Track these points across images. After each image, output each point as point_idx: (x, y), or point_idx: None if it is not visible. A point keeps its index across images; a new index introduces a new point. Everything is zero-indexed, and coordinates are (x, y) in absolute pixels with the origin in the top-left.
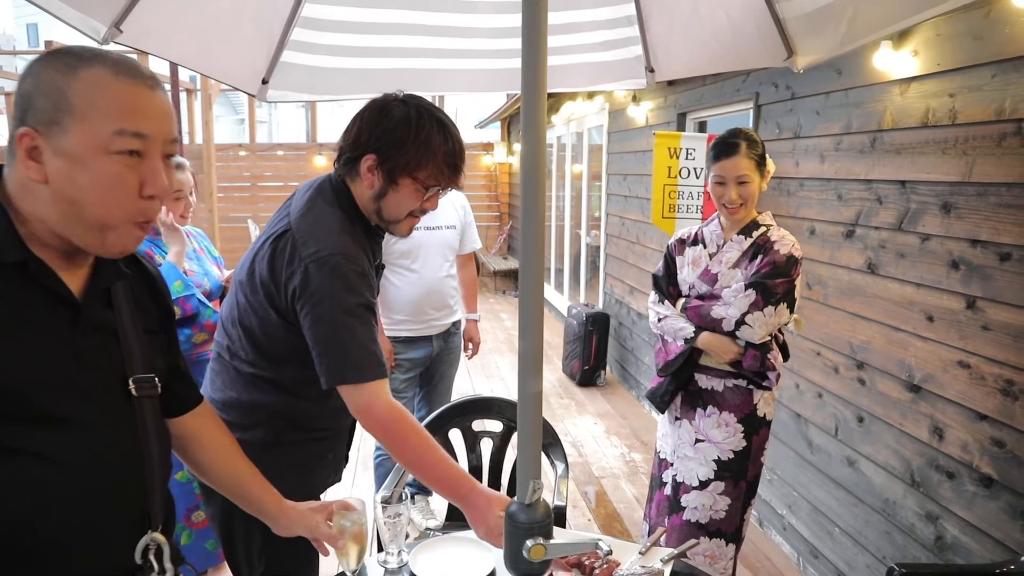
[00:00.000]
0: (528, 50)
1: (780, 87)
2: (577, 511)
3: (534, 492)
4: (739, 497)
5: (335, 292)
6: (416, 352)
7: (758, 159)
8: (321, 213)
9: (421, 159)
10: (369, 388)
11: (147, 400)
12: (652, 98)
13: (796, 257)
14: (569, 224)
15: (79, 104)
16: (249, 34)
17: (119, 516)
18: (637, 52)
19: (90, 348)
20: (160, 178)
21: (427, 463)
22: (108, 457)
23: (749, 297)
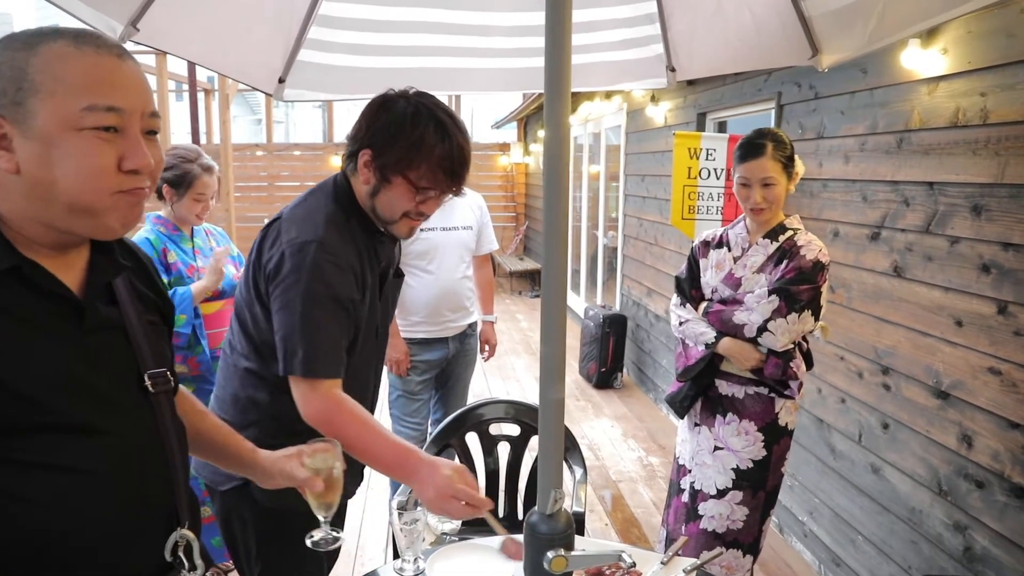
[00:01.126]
0: (552, 49)
1: (803, 86)
2: (594, 516)
3: (556, 502)
4: (757, 508)
5: (303, 279)
6: (432, 354)
7: (785, 160)
8: (314, 204)
9: (413, 158)
10: (310, 383)
11: (163, 395)
12: (671, 98)
13: (823, 263)
14: (586, 225)
15: (43, 80)
16: (266, 33)
17: (148, 516)
18: (658, 51)
19: (101, 348)
20: (141, 151)
21: (371, 450)
22: (133, 459)
23: (772, 303)
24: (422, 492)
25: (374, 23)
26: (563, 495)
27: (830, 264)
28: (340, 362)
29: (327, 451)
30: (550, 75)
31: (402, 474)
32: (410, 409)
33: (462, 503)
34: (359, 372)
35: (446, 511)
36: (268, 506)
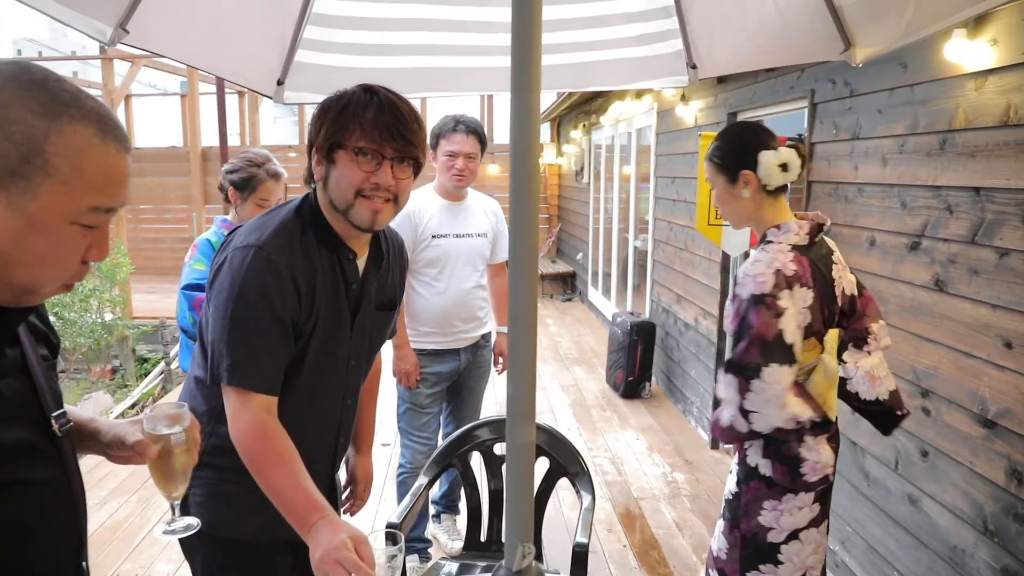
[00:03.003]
0: (520, 47)
1: (838, 83)
2: (612, 536)
3: (524, 557)
4: (735, 546)
5: (237, 283)
6: (443, 366)
7: (719, 161)
8: (275, 214)
9: (345, 124)
10: (241, 395)
11: (67, 439)
12: (701, 97)
13: (758, 295)
14: (617, 227)
15: (60, 167)
16: (260, 33)
17: (59, 557)
18: (677, 47)
19: (10, 396)
20: (106, 246)
21: (280, 492)
22: (47, 505)
23: (730, 383)
24: (313, 551)
25: (371, 21)
26: (532, 550)
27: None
28: (270, 376)
29: (170, 416)
30: (517, 80)
31: (302, 527)
32: (419, 423)
33: (346, 573)
34: (323, 404)
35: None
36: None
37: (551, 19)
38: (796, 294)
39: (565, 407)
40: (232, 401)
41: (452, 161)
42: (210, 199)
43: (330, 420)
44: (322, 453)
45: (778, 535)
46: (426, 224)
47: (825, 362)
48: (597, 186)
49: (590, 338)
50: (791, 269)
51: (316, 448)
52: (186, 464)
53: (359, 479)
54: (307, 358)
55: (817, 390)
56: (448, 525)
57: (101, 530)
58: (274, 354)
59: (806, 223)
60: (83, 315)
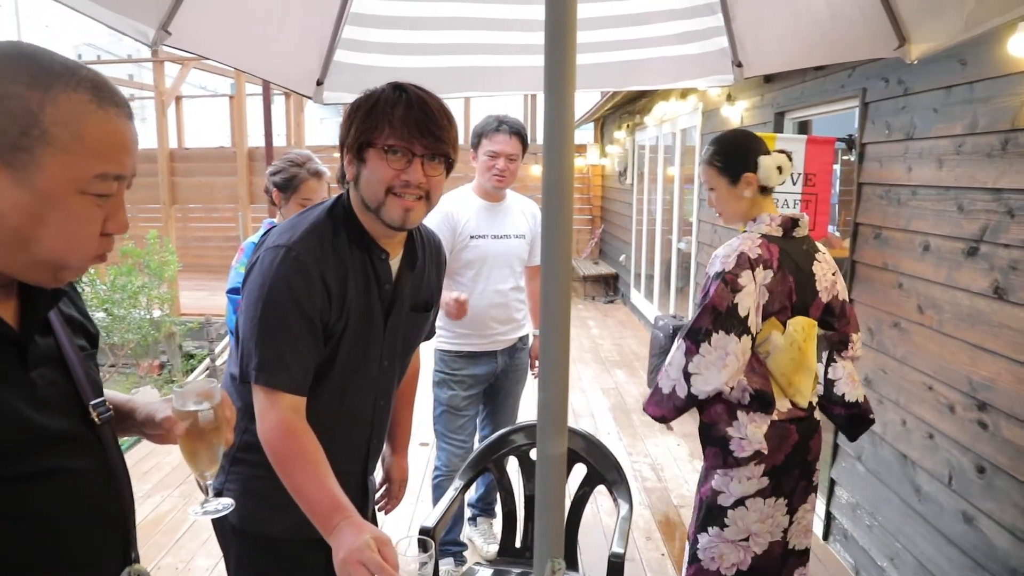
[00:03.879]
0: (553, 45)
1: (891, 82)
2: (651, 544)
3: (553, 574)
4: (697, 508)
5: (267, 283)
6: (479, 368)
7: (721, 165)
8: (308, 215)
9: (376, 123)
10: (269, 395)
11: (107, 426)
12: (747, 96)
13: (718, 271)
14: (660, 229)
15: (58, 135)
16: (299, 33)
17: (105, 554)
18: (722, 44)
19: (45, 385)
20: (124, 216)
21: (305, 492)
22: (90, 496)
23: (679, 348)
24: (336, 552)
25: (408, 20)
26: (562, 566)
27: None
28: (297, 376)
29: (200, 393)
30: (551, 77)
31: (325, 527)
32: (455, 425)
33: (369, 574)
34: (354, 405)
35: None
36: (236, 525)
37: (591, 17)
38: (757, 275)
39: (605, 411)
40: (260, 400)
41: (493, 161)
42: (256, 199)
43: (361, 421)
44: (353, 454)
45: (726, 499)
46: (464, 225)
47: (772, 339)
48: (640, 187)
49: (632, 341)
50: (755, 252)
51: (347, 449)
52: (216, 443)
53: (394, 479)
54: (338, 358)
55: (780, 369)
56: (484, 528)
57: (144, 523)
58: (302, 355)
59: (778, 216)
60: (131, 311)
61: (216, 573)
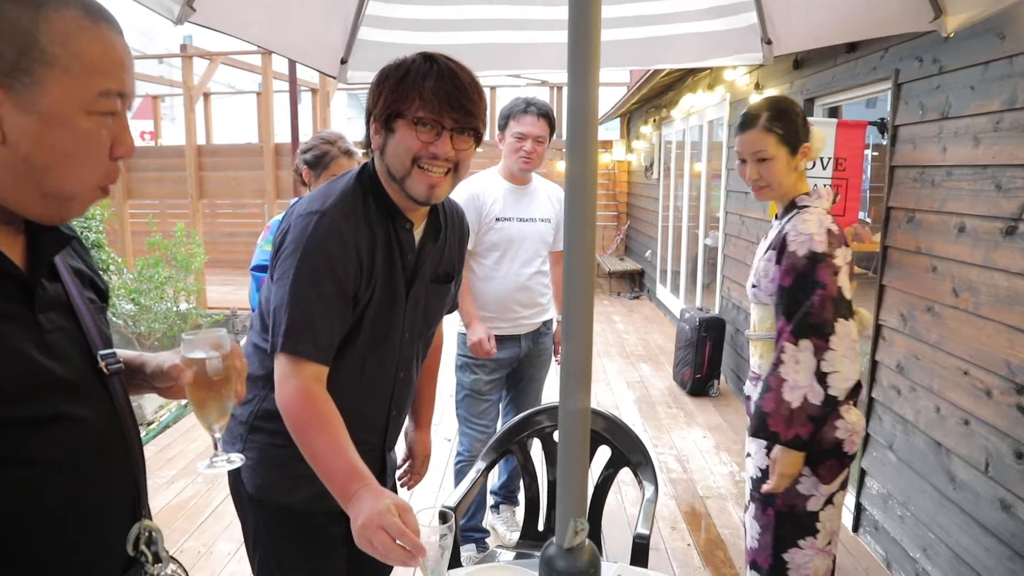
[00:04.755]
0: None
1: (925, 61)
2: (676, 534)
3: (576, 534)
4: (768, 527)
5: (301, 249)
6: (503, 352)
7: (783, 132)
8: (334, 183)
9: (405, 93)
10: (293, 362)
11: (116, 377)
12: (776, 83)
13: (819, 252)
14: (687, 224)
15: (57, 53)
16: (323, 10)
17: (113, 509)
18: (751, 20)
19: (52, 330)
20: (130, 137)
21: (323, 460)
22: (95, 447)
23: (806, 351)
24: (354, 518)
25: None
26: (585, 526)
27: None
28: (324, 346)
29: (208, 342)
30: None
31: (343, 495)
32: (478, 410)
33: (390, 539)
34: (374, 376)
35: (371, 542)
36: (254, 495)
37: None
38: (842, 253)
39: (630, 403)
40: (282, 365)
41: (520, 143)
42: (282, 193)
43: (381, 392)
44: (372, 425)
45: (817, 502)
46: (490, 207)
47: (861, 313)
48: (667, 182)
49: (657, 335)
50: (836, 228)
51: (366, 419)
52: (225, 393)
53: (416, 454)
54: (362, 328)
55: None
56: (507, 516)
57: (167, 508)
58: (332, 324)
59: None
60: (159, 302)
61: (238, 557)
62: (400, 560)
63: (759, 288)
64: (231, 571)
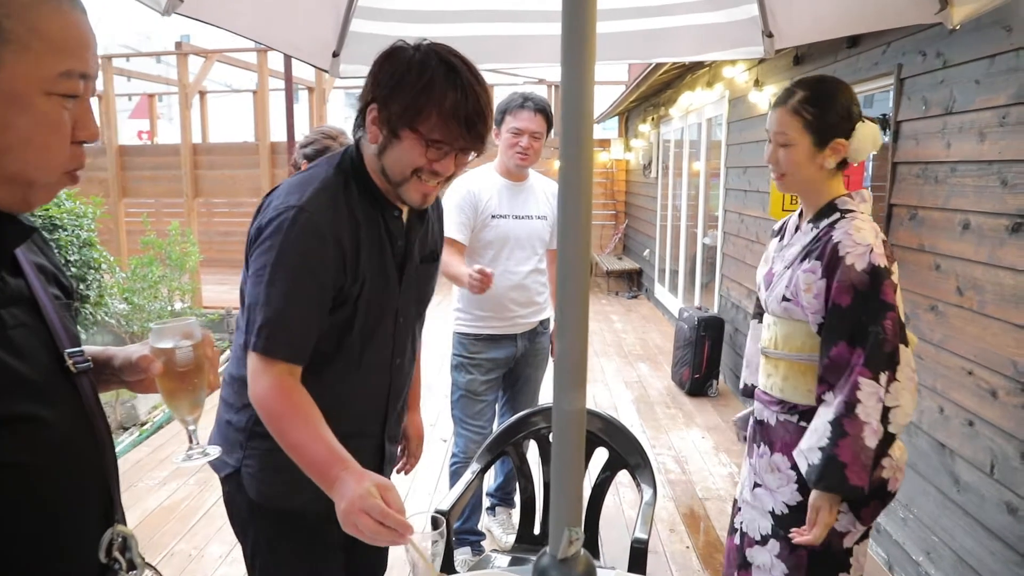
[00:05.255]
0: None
1: (929, 55)
2: (675, 536)
3: (571, 544)
4: (799, 568)
5: (277, 246)
6: (499, 352)
7: (811, 119)
8: (313, 172)
9: (422, 106)
10: (265, 360)
11: (85, 376)
12: (776, 80)
13: (882, 268)
14: (685, 223)
15: (15, 29)
16: (315, 1)
17: (82, 514)
18: (751, 12)
19: (15, 326)
20: (92, 120)
21: (303, 449)
22: (65, 449)
23: (874, 388)
24: (338, 504)
25: None
26: (580, 535)
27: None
28: (301, 345)
29: (178, 331)
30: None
31: (325, 481)
32: (473, 411)
33: (374, 521)
34: (372, 365)
35: (356, 527)
36: (256, 500)
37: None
38: (896, 268)
39: (628, 403)
40: (255, 362)
41: (517, 139)
42: None
43: (379, 381)
44: (371, 415)
45: (852, 538)
46: (486, 204)
47: (911, 339)
48: (665, 181)
49: (656, 335)
50: (883, 238)
51: (365, 410)
52: (197, 384)
53: (411, 436)
54: (356, 320)
55: None
56: (503, 519)
57: (158, 510)
58: (309, 323)
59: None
60: (152, 301)
61: (230, 560)
62: (389, 540)
63: (794, 302)
64: (223, 574)
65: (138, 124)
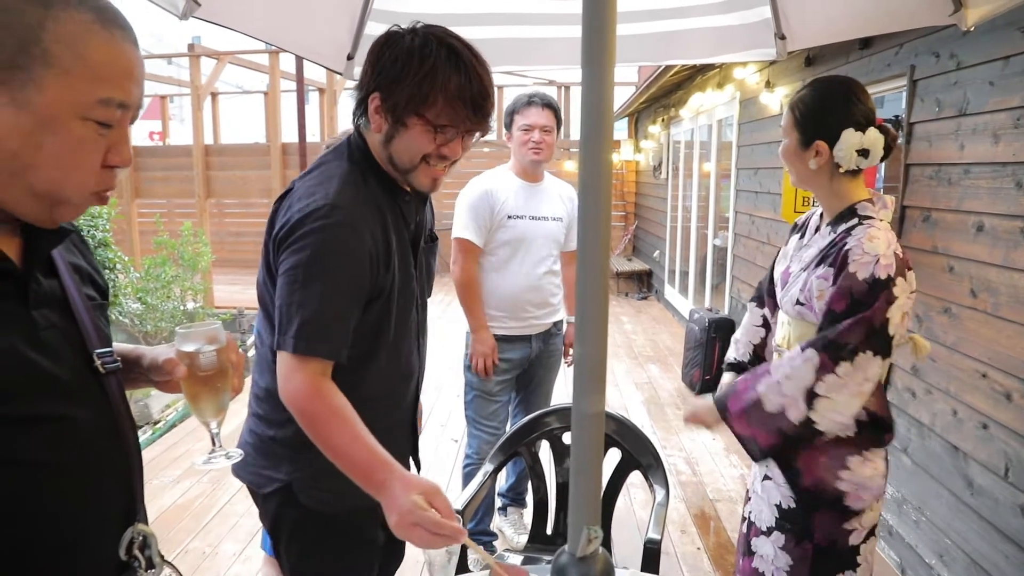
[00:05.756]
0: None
1: (942, 57)
2: (686, 538)
3: (590, 542)
4: (804, 561)
5: (310, 245)
6: (513, 352)
7: (799, 117)
8: (327, 169)
9: (427, 93)
10: (299, 358)
11: (113, 377)
12: (787, 81)
13: (883, 280)
14: (696, 225)
15: (60, 54)
16: (330, 5)
17: (104, 511)
18: (764, 15)
19: (47, 327)
20: (128, 149)
21: (344, 451)
22: (87, 448)
23: (810, 361)
24: (388, 513)
25: None
26: (599, 534)
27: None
28: (338, 342)
29: (203, 335)
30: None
31: (372, 487)
32: (487, 411)
33: (428, 532)
34: (404, 351)
35: (409, 539)
36: (313, 509)
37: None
38: (907, 280)
39: (639, 404)
40: (287, 361)
41: (528, 135)
42: None
43: (411, 367)
44: (406, 399)
45: (859, 536)
46: (503, 204)
47: (916, 341)
48: (675, 183)
49: (666, 336)
50: (901, 250)
51: (404, 395)
52: (221, 388)
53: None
54: (392, 309)
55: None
56: (515, 519)
57: (173, 508)
58: (346, 321)
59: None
60: (165, 301)
61: (243, 557)
62: (445, 543)
63: (808, 307)
64: (236, 572)
65: (150, 125)
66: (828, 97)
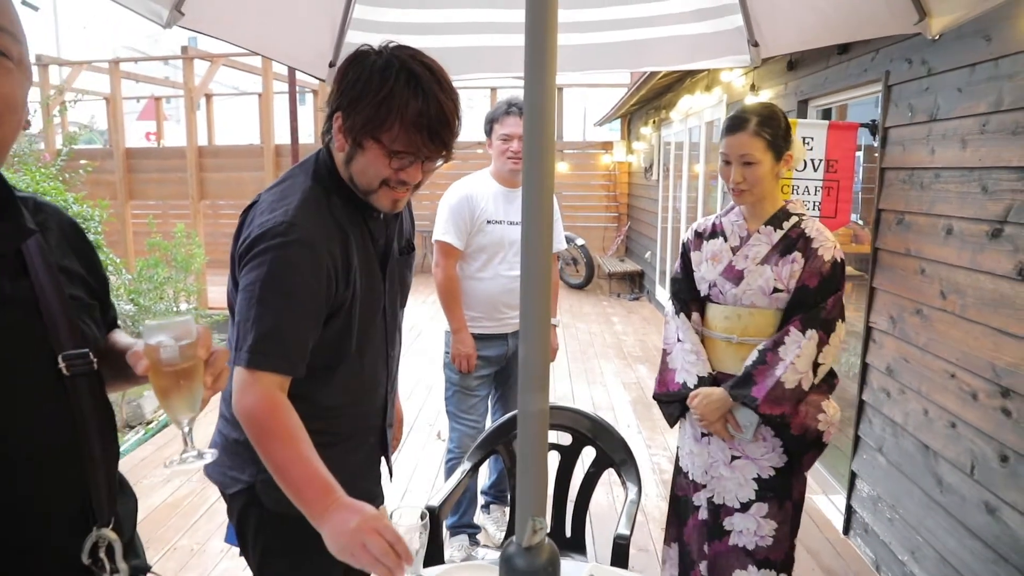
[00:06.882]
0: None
1: (915, 63)
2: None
3: (534, 533)
4: (786, 520)
5: (267, 263)
6: (490, 350)
7: (770, 139)
8: (291, 184)
9: (384, 118)
10: (253, 373)
11: (81, 379)
12: (771, 85)
13: (841, 261)
14: (686, 225)
15: None
16: (311, 13)
17: (52, 520)
18: (737, 23)
19: (5, 327)
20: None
21: (289, 472)
22: (41, 451)
23: (812, 340)
24: (343, 524)
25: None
26: (544, 525)
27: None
28: (294, 357)
29: (172, 329)
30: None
31: (315, 507)
32: (466, 405)
33: (385, 543)
34: (371, 362)
35: (363, 547)
36: (275, 511)
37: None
38: None
39: (626, 404)
40: (242, 375)
41: (507, 144)
42: None
43: (378, 376)
44: (375, 410)
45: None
46: (482, 209)
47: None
48: (666, 183)
49: (656, 337)
50: None
51: (371, 403)
52: (190, 385)
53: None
54: (353, 325)
55: None
56: (497, 516)
57: (162, 507)
58: (301, 336)
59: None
60: (158, 302)
61: (231, 554)
62: (390, 567)
63: (784, 291)
64: (224, 568)
65: (146, 126)
66: (779, 117)
